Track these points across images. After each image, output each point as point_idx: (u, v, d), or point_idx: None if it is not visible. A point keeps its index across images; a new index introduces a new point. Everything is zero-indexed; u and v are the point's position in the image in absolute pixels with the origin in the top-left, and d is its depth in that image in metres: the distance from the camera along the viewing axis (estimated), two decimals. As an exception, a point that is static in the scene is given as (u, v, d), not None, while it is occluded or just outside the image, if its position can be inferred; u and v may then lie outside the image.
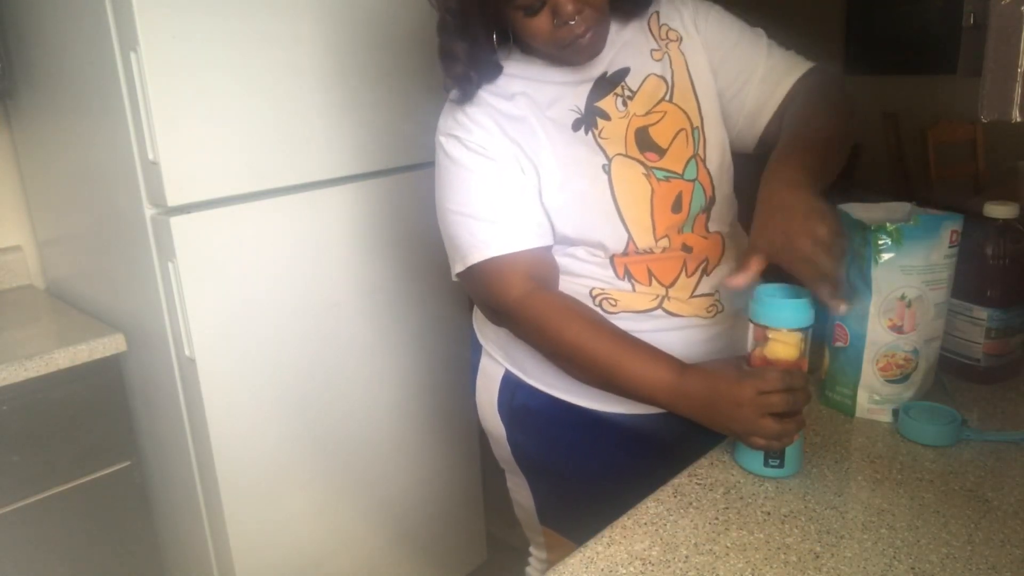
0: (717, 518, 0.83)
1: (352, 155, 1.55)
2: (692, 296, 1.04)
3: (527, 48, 1.02)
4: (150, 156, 1.28)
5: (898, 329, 0.97)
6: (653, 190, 1.01)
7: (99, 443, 1.49)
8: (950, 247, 0.96)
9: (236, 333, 1.42)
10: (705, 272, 1.05)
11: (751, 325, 0.88)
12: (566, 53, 0.97)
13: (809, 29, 4.49)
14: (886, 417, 1.00)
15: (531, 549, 1.35)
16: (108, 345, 1.45)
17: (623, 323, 1.01)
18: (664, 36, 1.06)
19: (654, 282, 1.03)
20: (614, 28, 1.04)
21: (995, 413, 1.02)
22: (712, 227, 1.06)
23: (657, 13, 1.07)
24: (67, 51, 1.43)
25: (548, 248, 1.04)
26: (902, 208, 1.00)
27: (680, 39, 1.06)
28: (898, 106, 3.67)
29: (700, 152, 1.04)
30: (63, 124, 1.55)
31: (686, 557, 0.77)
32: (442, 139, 1.03)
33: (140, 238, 1.36)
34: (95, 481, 1.49)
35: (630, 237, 1.00)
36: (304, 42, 1.43)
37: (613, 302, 1.03)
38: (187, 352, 1.37)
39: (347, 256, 1.57)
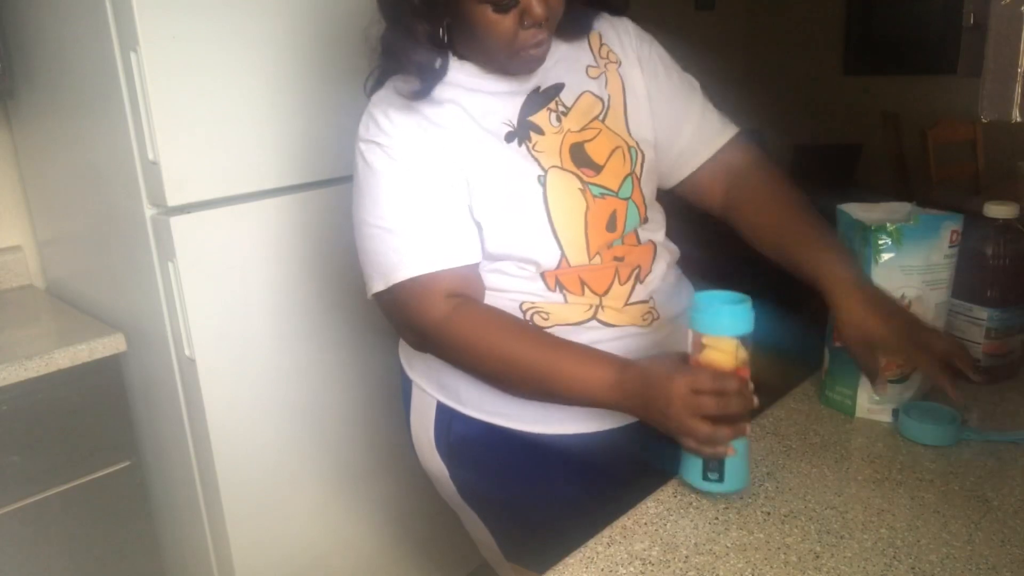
0: (717, 518, 0.83)
1: (352, 155, 1.54)
2: (627, 304, 1.01)
3: (463, 52, 0.98)
4: (150, 156, 1.28)
5: (898, 329, 0.97)
6: (588, 207, 0.98)
7: (99, 443, 1.49)
8: (950, 247, 0.96)
9: (236, 333, 1.42)
10: (639, 279, 1.02)
11: (689, 332, 0.85)
12: (514, 61, 0.94)
13: (809, 29, 4.52)
14: (886, 417, 1.00)
15: None
16: (108, 345, 1.45)
17: None
18: (604, 56, 1.05)
19: (587, 291, 0.99)
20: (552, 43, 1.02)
21: (995, 413, 1.02)
22: (643, 238, 1.05)
23: (600, 34, 1.06)
24: (67, 51, 1.43)
25: (475, 266, 0.99)
26: (902, 208, 1.00)
27: (619, 62, 1.05)
28: (898, 106, 3.67)
29: (636, 171, 1.03)
30: (63, 124, 1.55)
31: (686, 557, 0.77)
32: (362, 146, 0.97)
33: (140, 238, 1.36)
34: (95, 481, 1.49)
35: (563, 254, 0.97)
36: (304, 42, 1.43)
37: (545, 315, 0.99)
38: (187, 352, 1.37)
39: (347, 256, 1.56)
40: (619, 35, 1.07)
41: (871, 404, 1.00)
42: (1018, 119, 0.75)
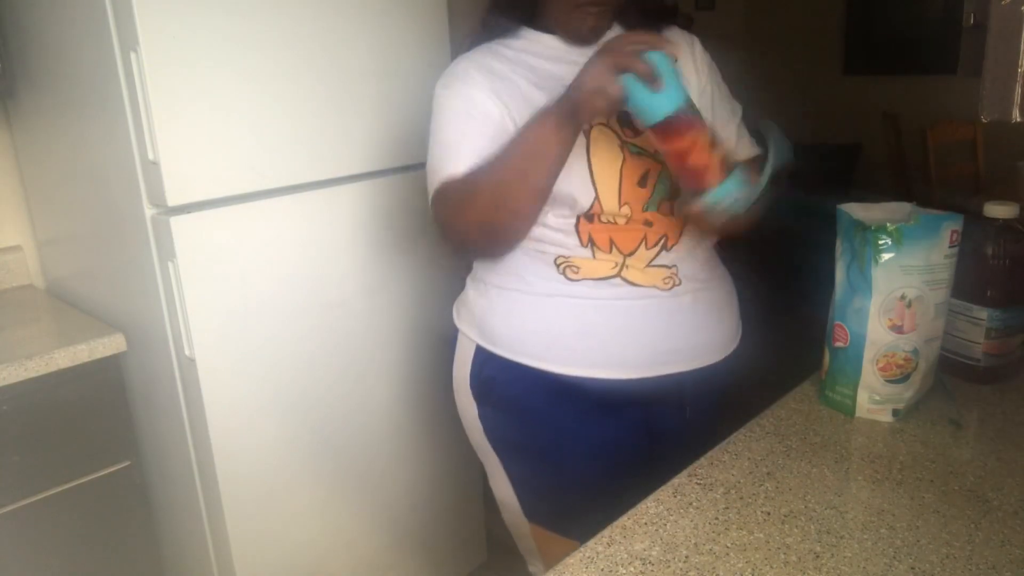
0: (717, 518, 0.83)
1: (352, 155, 1.55)
2: (648, 265, 1.09)
3: (541, 23, 1.13)
4: (150, 156, 1.28)
5: (898, 329, 0.97)
6: (624, 160, 1.07)
7: (99, 443, 1.49)
8: (950, 247, 0.96)
9: (236, 333, 1.42)
10: (665, 247, 1.10)
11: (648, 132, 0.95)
12: (575, 13, 1.07)
13: (809, 29, 4.52)
14: (886, 417, 1.00)
15: (530, 569, 1.34)
16: (108, 345, 1.45)
17: (583, 290, 1.08)
18: None
19: (614, 250, 1.08)
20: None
21: (995, 413, 1.02)
22: (676, 212, 1.10)
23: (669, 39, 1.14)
24: (67, 51, 1.43)
25: None
26: (902, 208, 1.00)
27: (678, 59, 1.10)
28: (898, 106, 3.67)
29: None
30: (63, 124, 1.55)
31: (686, 557, 0.77)
32: (439, 89, 1.12)
33: (140, 238, 1.36)
34: (95, 481, 1.49)
35: (597, 196, 1.06)
36: (304, 42, 1.43)
37: (575, 269, 1.09)
38: (187, 352, 1.37)
39: (348, 256, 1.57)
40: (688, 41, 1.18)
41: (871, 404, 1.01)
42: (1018, 119, 0.76)
